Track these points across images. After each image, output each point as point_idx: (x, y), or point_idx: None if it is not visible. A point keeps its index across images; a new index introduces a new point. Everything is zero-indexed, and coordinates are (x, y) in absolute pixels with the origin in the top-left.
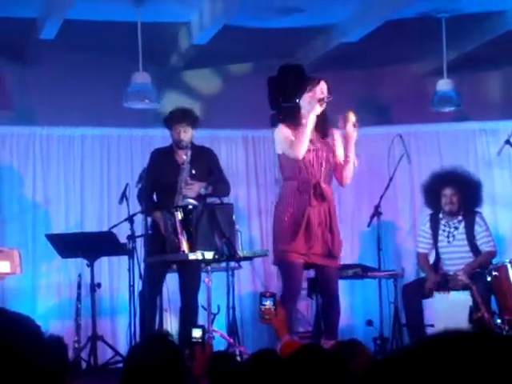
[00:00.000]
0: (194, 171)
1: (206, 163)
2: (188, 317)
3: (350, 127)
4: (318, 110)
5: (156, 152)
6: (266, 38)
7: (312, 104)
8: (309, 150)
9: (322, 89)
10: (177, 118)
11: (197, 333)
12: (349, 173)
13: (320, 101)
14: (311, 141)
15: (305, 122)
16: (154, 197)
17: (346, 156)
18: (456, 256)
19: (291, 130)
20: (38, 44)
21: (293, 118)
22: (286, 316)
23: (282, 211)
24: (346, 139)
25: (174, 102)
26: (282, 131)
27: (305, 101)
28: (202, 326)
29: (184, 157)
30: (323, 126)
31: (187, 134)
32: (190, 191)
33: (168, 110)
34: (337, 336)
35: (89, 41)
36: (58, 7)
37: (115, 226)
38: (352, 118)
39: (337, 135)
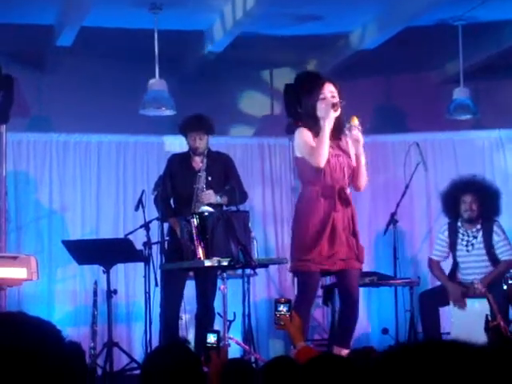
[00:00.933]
0: (210, 178)
1: (222, 169)
2: (205, 323)
3: (355, 132)
4: (333, 115)
5: (173, 157)
6: (282, 46)
7: (327, 111)
8: (331, 155)
9: (331, 91)
10: (192, 126)
11: (212, 338)
12: (363, 177)
13: (334, 106)
14: (332, 146)
15: (322, 131)
16: (172, 202)
17: (358, 160)
18: (474, 265)
19: (312, 136)
20: (55, 51)
21: (312, 127)
22: (301, 322)
23: (305, 218)
24: (354, 144)
25: (189, 109)
26: (303, 134)
27: (321, 110)
28: (216, 331)
29: (200, 164)
30: (337, 130)
31: (203, 141)
32: (206, 198)
33: (184, 116)
34: (350, 345)
35: (105, 48)
36: (75, 14)
37: (131, 232)
38: (355, 122)
39: (349, 140)
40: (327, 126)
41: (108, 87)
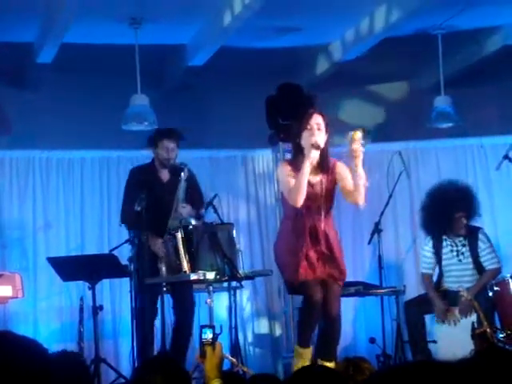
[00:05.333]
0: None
1: (187, 181)
2: (181, 339)
3: (356, 146)
4: (314, 154)
5: (137, 170)
6: (263, 58)
7: (307, 149)
8: (308, 194)
9: (317, 123)
10: (166, 135)
11: (208, 333)
12: (362, 193)
13: (313, 146)
14: (311, 183)
15: (301, 172)
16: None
17: (356, 176)
18: (462, 273)
19: (293, 170)
20: (36, 68)
21: (295, 155)
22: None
23: (282, 245)
24: (353, 158)
25: (172, 123)
26: (283, 172)
27: (305, 140)
28: (212, 326)
29: (182, 174)
30: (323, 161)
31: (174, 153)
32: (184, 212)
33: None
34: (335, 357)
35: (86, 64)
36: (55, 31)
37: (116, 248)
38: (358, 135)
39: (340, 167)
40: (307, 166)
41: (90, 103)
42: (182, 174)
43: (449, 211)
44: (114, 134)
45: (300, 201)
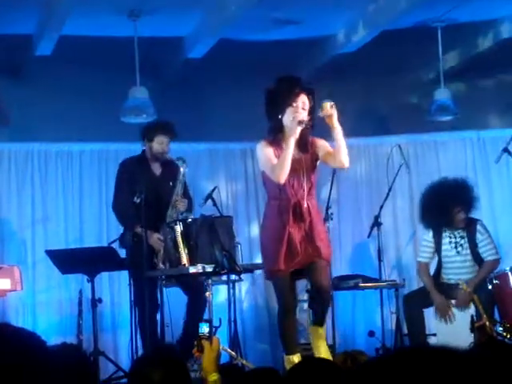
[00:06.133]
0: (171, 183)
1: (176, 176)
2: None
3: (327, 113)
4: (298, 131)
5: (128, 162)
6: (262, 51)
7: (292, 124)
8: (290, 170)
9: (303, 102)
10: (163, 129)
11: (204, 328)
12: (345, 153)
13: (300, 123)
14: (293, 160)
15: (285, 145)
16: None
17: (336, 140)
18: (461, 265)
19: (273, 148)
20: (34, 60)
21: (276, 134)
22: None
23: (265, 231)
24: (329, 124)
25: (171, 115)
26: (264, 150)
27: (288, 116)
28: (209, 321)
29: (181, 169)
30: (304, 143)
31: (167, 147)
32: (181, 206)
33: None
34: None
35: (85, 56)
36: (54, 23)
37: (114, 241)
38: (327, 108)
39: (318, 141)
40: (292, 142)
41: (88, 95)
42: (182, 169)
43: (447, 207)
44: (113, 127)
45: (283, 177)
